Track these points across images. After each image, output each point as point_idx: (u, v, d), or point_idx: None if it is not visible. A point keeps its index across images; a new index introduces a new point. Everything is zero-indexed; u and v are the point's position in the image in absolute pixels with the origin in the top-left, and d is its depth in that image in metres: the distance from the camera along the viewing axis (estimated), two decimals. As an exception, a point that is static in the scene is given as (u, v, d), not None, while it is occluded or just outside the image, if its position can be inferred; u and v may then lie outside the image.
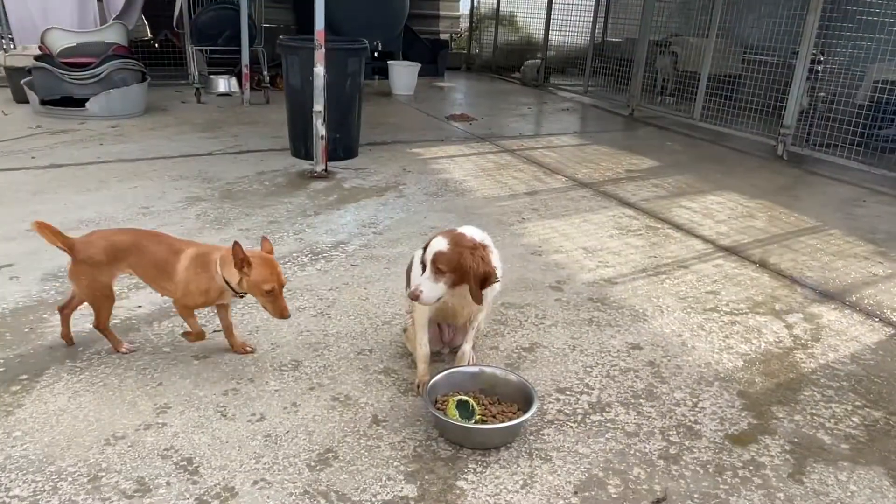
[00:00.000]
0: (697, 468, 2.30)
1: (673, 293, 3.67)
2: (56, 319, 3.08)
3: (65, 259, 2.71)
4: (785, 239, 4.58)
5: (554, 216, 4.85)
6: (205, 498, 2.06)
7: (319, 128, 5.40)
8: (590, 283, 3.75)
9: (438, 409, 2.41)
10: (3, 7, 8.38)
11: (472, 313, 2.66)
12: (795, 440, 2.47)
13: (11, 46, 8.52)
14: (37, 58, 7.20)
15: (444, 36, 13.97)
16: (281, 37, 6.07)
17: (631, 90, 9.12)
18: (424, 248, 2.48)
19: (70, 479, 2.11)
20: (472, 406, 2.40)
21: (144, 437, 2.31)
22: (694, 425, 2.53)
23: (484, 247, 2.48)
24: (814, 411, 2.66)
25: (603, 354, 3.01)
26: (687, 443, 2.43)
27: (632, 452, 2.37)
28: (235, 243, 2.45)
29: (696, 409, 2.64)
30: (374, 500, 2.09)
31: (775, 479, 2.26)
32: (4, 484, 2.08)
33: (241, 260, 2.46)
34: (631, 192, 5.54)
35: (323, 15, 5.19)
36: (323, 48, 5.24)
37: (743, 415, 2.61)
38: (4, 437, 2.29)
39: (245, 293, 2.59)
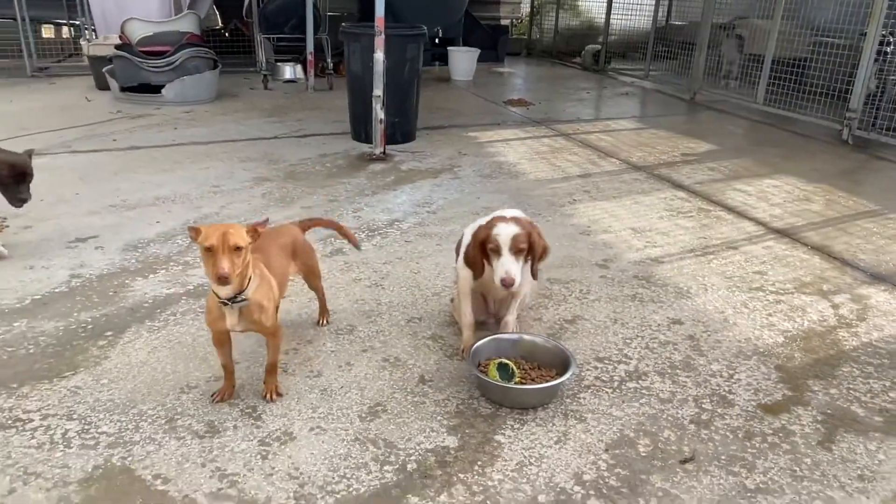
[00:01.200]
0: (727, 433, 2.40)
1: (719, 272, 3.72)
2: (136, 284, 3.39)
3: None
4: (841, 222, 4.54)
5: (605, 198, 4.93)
6: (267, 440, 2.29)
7: (378, 112, 5.60)
8: (636, 261, 3.84)
9: (481, 371, 2.57)
10: (87, 0, 8.90)
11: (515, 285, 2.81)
12: (829, 411, 2.54)
13: (94, 36, 9.05)
14: (117, 47, 7.66)
15: (504, 21, 14.01)
16: (343, 24, 6.30)
17: (692, 74, 9.01)
18: (483, 241, 2.61)
19: (150, 420, 2.38)
20: (512, 369, 2.56)
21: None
22: (728, 395, 2.63)
23: (537, 225, 2.66)
24: (851, 386, 2.70)
25: (643, 328, 3.11)
26: (719, 410, 2.53)
27: (664, 417, 2.48)
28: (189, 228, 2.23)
29: (732, 380, 2.72)
30: (418, 448, 2.28)
31: (804, 446, 2.34)
32: (94, 422, 2.36)
33: (194, 232, 2.17)
34: (685, 175, 5.55)
35: (383, 2, 5.38)
36: (383, 35, 5.43)
37: (778, 387, 2.68)
38: (94, 382, 2.58)
39: (234, 299, 2.28)
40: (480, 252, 2.61)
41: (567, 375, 2.51)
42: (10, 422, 2.34)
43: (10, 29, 9.30)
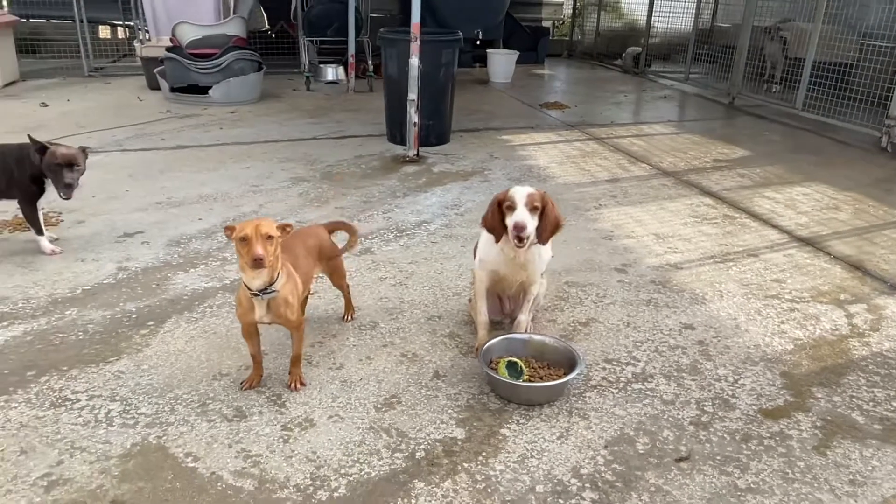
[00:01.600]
0: (725, 435, 2.50)
1: (737, 280, 3.79)
2: (178, 278, 3.63)
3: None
4: (867, 232, 4.54)
5: (631, 203, 5.01)
6: (289, 426, 2.48)
7: (412, 115, 5.78)
8: (655, 266, 3.93)
9: (491, 368, 2.72)
10: (141, 2, 9.29)
11: (525, 282, 2.94)
12: (828, 418, 2.61)
13: (147, 38, 9.45)
14: (168, 49, 8.01)
15: (546, 23, 14.07)
16: (381, 29, 6.49)
17: (732, 78, 8.96)
18: (500, 203, 2.74)
19: (184, 403, 2.60)
20: (521, 367, 2.70)
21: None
22: (730, 399, 2.72)
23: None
24: (854, 394, 2.77)
25: (655, 332, 3.21)
26: (720, 413, 2.63)
27: (665, 417, 2.59)
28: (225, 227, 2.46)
29: (736, 385, 2.81)
30: (427, 438, 2.44)
31: (799, 450, 2.43)
32: (134, 403, 2.58)
33: (229, 230, 2.41)
34: (714, 181, 5.58)
35: (419, 9, 5.56)
36: (418, 40, 5.60)
37: (781, 393, 2.77)
38: (135, 368, 2.82)
39: (264, 291, 2.46)
40: (499, 213, 2.74)
41: (573, 375, 2.65)
42: (59, 401, 2.58)
43: (69, 30, 9.78)
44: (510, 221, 2.67)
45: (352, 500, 2.15)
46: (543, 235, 2.75)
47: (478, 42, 11.18)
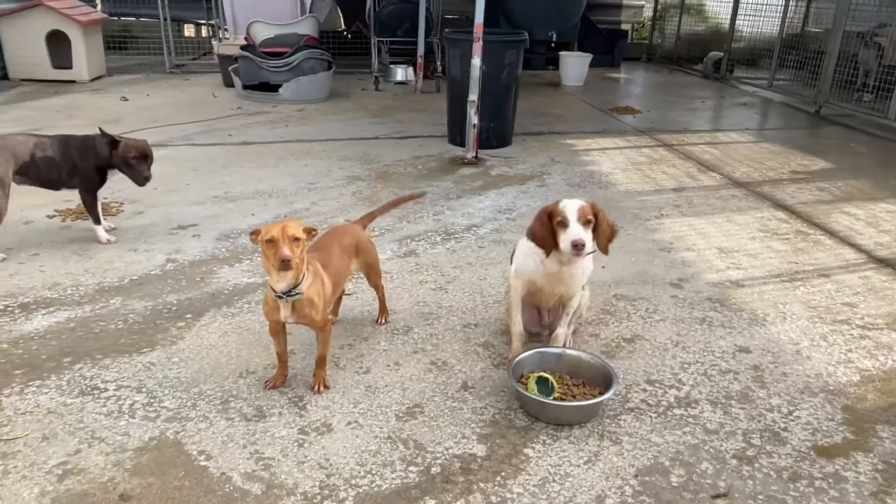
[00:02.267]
0: (771, 472, 2.28)
1: (803, 301, 3.50)
2: (222, 271, 3.65)
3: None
4: (959, 255, 4.14)
5: (695, 214, 4.75)
6: (306, 429, 2.42)
7: (472, 116, 5.68)
8: (714, 283, 3.68)
9: (521, 383, 2.59)
10: (221, 1, 9.56)
11: (564, 296, 2.79)
12: (892, 461, 2.35)
13: (224, 37, 9.73)
14: (242, 47, 8.19)
15: (625, 26, 13.69)
16: (446, 30, 6.42)
17: (819, 85, 8.44)
18: (549, 216, 2.60)
19: (207, 399, 2.58)
20: (552, 383, 2.56)
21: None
22: (782, 432, 2.49)
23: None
24: (926, 436, 2.49)
25: (706, 353, 2.99)
26: (768, 447, 2.40)
27: (706, 448, 2.39)
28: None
29: (790, 417, 2.57)
30: (445, 452, 2.33)
31: (854, 495, 2.19)
32: (159, 396, 2.59)
33: (253, 234, 2.41)
34: (790, 194, 5.23)
35: (483, 9, 5.46)
36: (481, 41, 5.50)
37: (840, 429, 2.51)
38: (166, 360, 2.83)
39: (289, 293, 2.42)
40: (549, 227, 2.59)
41: (607, 395, 2.48)
42: (88, 389, 2.61)
43: (155, 28, 10.16)
44: (565, 238, 2.53)
45: (358, 513, 2.07)
46: (602, 245, 2.63)
47: (552, 44, 11.00)
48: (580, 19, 11.34)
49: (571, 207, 2.56)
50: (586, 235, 2.53)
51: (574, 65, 10.02)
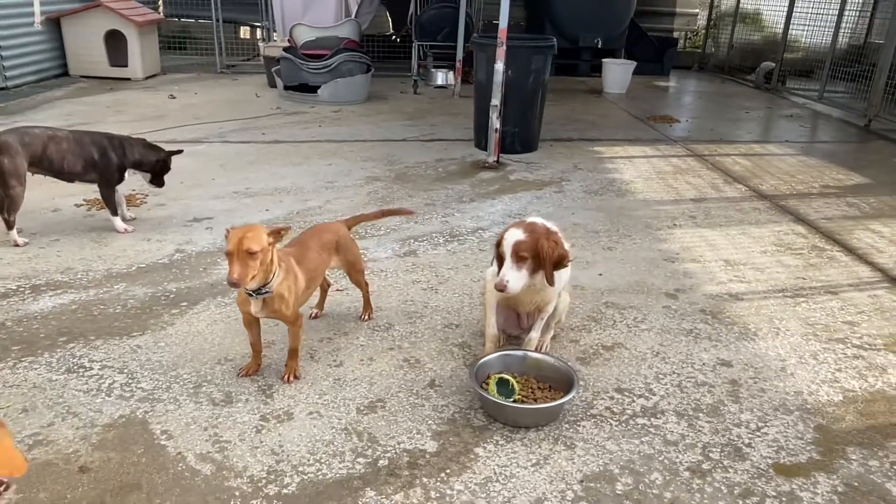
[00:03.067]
0: (722, 487, 2.24)
1: (802, 317, 3.40)
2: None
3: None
4: (984, 278, 3.93)
5: (710, 225, 4.65)
6: (267, 416, 2.50)
7: (494, 121, 5.70)
8: (712, 295, 3.61)
9: (484, 384, 2.60)
10: (271, 4, 9.85)
11: (540, 303, 2.80)
12: (855, 484, 2.27)
13: (273, 39, 10.01)
14: (284, 49, 8.43)
15: (677, 34, 13.44)
16: (474, 35, 6.46)
17: (870, 98, 8.12)
18: (498, 244, 2.67)
19: (182, 382, 2.69)
20: (513, 385, 2.56)
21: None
22: (744, 447, 2.43)
23: (555, 232, 2.63)
24: (898, 461, 2.39)
25: (684, 365, 2.95)
26: (726, 462, 2.36)
27: (660, 459, 2.36)
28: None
29: (757, 433, 2.51)
30: (397, 447, 2.37)
31: (804, 516, 2.13)
32: (138, 378, 2.71)
33: (226, 231, 2.45)
34: (815, 208, 5.06)
35: (507, 14, 5.47)
36: (504, 45, 5.52)
37: (808, 448, 2.44)
38: (153, 344, 2.96)
39: (257, 290, 2.49)
40: (498, 252, 2.65)
41: (564, 399, 2.48)
42: (75, 367, 2.76)
43: (211, 30, 10.54)
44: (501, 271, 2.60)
45: (298, 499, 2.13)
46: (546, 275, 2.60)
47: (598, 51, 10.91)
48: (629, 26, 11.23)
49: (508, 242, 2.57)
50: (514, 275, 2.56)
51: (617, 72, 9.91)
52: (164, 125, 6.88)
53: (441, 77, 9.75)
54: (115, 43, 9.22)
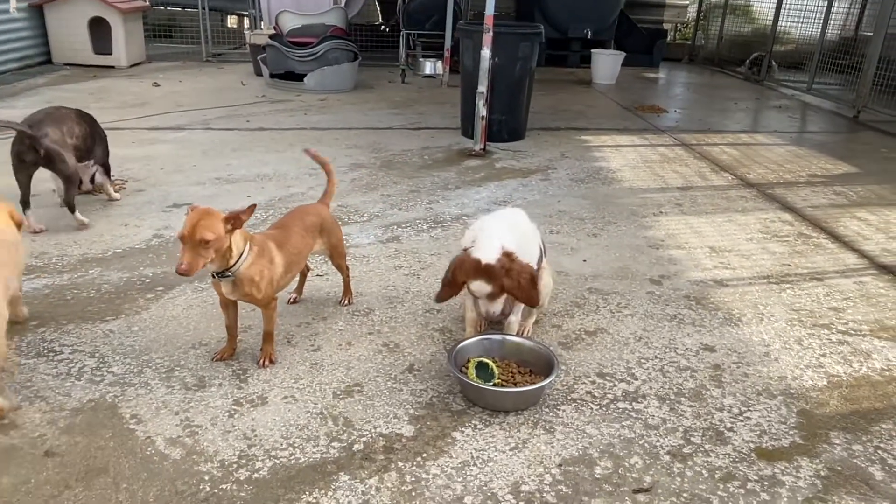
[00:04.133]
0: (703, 471, 2.20)
1: (786, 304, 3.37)
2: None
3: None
4: (970, 265, 3.91)
5: (696, 213, 4.61)
6: (241, 401, 2.45)
7: (480, 108, 5.64)
8: (696, 281, 3.58)
9: (463, 368, 2.56)
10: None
11: None
12: (838, 468, 2.24)
13: (259, 26, 9.89)
14: (270, 37, 8.33)
15: (667, 26, 13.40)
16: (460, 21, 6.40)
17: (859, 89, 8.10)
18: (457, 276, 2.57)
19: (154, 367, 2.63)
20: (493, 369, 2.52)
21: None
22: (726, 432, 2.40)
23: (511, 257, 2.52)
24: (881, 445, 2.36)
25: (667, 350, 2.91)
26: (707, 446, 2.32)
27: (641, 443, 2.32)
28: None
29: (739, 417, 2.48)
30: (373, 431, 2.32)
31: (786, 500, 2.09)
32: (109, 362, 2.65)
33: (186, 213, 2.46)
34: (802, 196, 5.04)
35: (494, 1, 5.41)
36: (491, 32, 5.46)
37: (791, 433, 2.41)
38: (126, 328, 2.89)
39: (220, 273, 2.46)
40: (459, 288, 2.59)
41: (543, 383, 2.43)
42: (45, 352, 2.69)
43: (198, 18, 10.40)
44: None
45: (269, 483, 2.08)
46: (530, 303, 2.60)
47: (588, 42, 10.85)
48: (619, 17, 11.17)
49: (478, 293, 2.53)
50: (497, 306, 2.57)
51: (606, 62, 9.86)
52: (146, 112, 6.78)
53: (429, 66, 9.67)
54: (99, 30, 9.08)
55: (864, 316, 3.28)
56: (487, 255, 2.50)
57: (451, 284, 2.58)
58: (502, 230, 2.60)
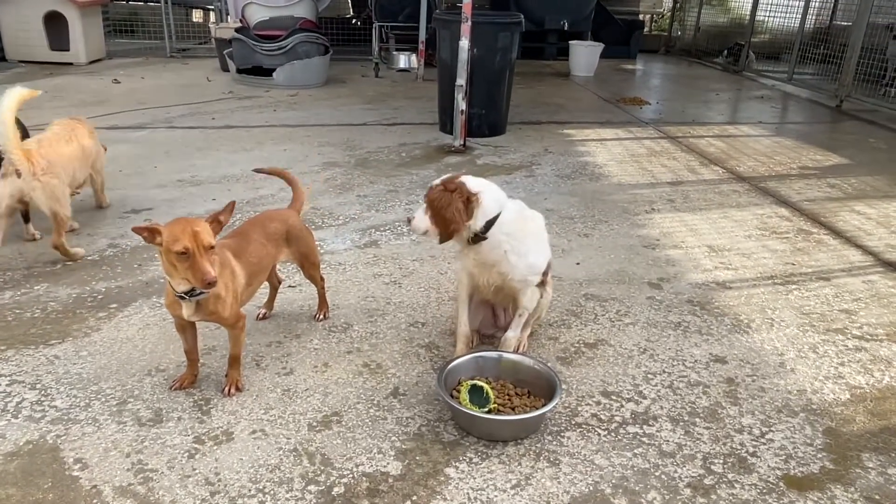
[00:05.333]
0: (729, 506, 1.96)
1: (795, 306, 3.15)
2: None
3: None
4: (978, 260, 3.74)
5: (690, 209, 4.39)
6: (203, 438, 2.15)
7: (460, 102, 5.37)
8: (697, 284, 3.34)
9: (454, 392, 2.29)
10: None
11: (508, 291, 2.49)
12: (875, 497, 2.01)
13: (225, 20, 9.49)
14: (236, 30, 7.95)
15: (643, 17, 13.23)
16: (436, 11, 6.11)
17: (841, 79, 7.97)
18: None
19: (103, 399, 2.31)
20: (487, 393, 2.25)
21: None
22: (749, 457, 2.16)
23: (469, 196, 2.31)
24: (919, 468, 2.14)
25: (675, 363, 2.66)
26: (730, 475, 2.07)
27: (657, 474, 2.07)
28: (133, 228, 2.09)
29: (762, 439, 2.24)
30: (355, 470, 2.04)
31: (824, 538, 1.85)
32: (52, 394, 2.33)
33: (148, 232, 2.05)
34: (796, 190, 4.84)
35: (472, -13, 5.13)
36: (469, 21, 5.18)
37: (819, 456, 2.17)
38: (73, 354, 2.57)
39: (191, 293, 2.13)
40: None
41: (545, 409, 2.17)
42: (-22, 384, 2.36)
43: (158, 13, 9.98)
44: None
45: (235, 539, 1.78)
46: (441, 236, 2.37)
47: (564, 34, 10.60)
48: (595, 8, 10.95)
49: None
50: (418, 213, 2.38)
51: (583, 54, 9.64)
52: (105, 111, 6.39)
53: (403, 60, 9.35)
54: (55, 25, 8.61)
55: (878, 318, 3.07)
56: (470, 181, 2.37)
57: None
58: (485, 185, 2.38)
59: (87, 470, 1.99)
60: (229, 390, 2.36)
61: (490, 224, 2.34)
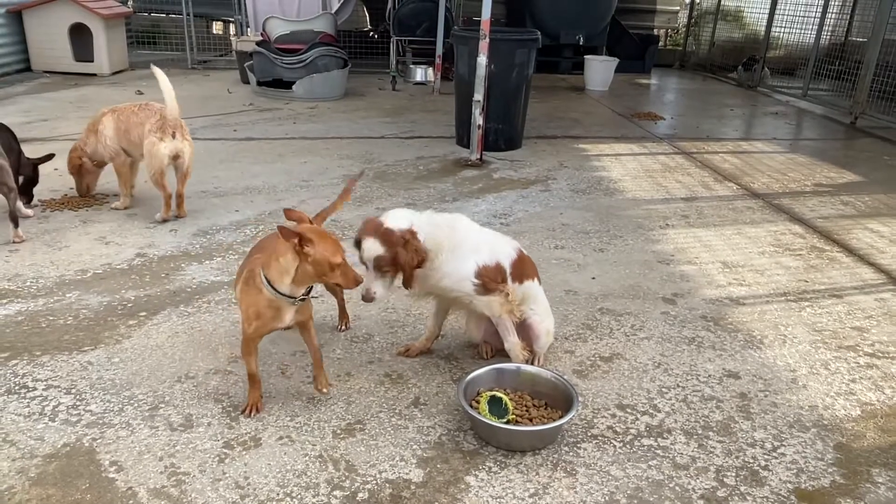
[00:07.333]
0: (741, 518, 2.01)
1: (808, 323, 3.20)
2: (190, 268, 3.50)
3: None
4: None
5: (704, 225, 4.45)
6: (232, 443, 2.23)
7: (477, 117, 5.46)
8: (711, 299, 3.40)
9: (474, 402, 2.36)
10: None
11: (454, 301, 2.60)
12: (885, 512, 2.06)
13: (245, 33, 9.67)
14: (257, 43, 8.11)
15: (658, 31, 13.31)
16: (455, 27, 6.22)
17: (856, 95, 8.00)
18: (357, 242, 2.43)
19: (136, 404, 2.41)
20: (506, 404, 2.32)
21: (209, 381, 2.54)
22: (761, 471, 2.21)
23: (413, 234, 2.36)
24: (929, 484, 2.18)
25: (689, 377, 2.72)
26: (742, 488, 2.13)
27: (671, 486, 2.13)
28: (280, 227, 2.09)
29: (773, 453, 2.29)
30: (378, 476, 2.11)
31: (834, 551, 1.91)
32: (86, 399, 2.42)
33: (298, 238, 2.09)
34: (810, 207, 4.89)
35: (490, 6, 5.24)
36: (487, 38, 5.28)
37: (830, 470, 2.22)
38: (106, 360, 2.67)
39: (302, 296, 2.27)
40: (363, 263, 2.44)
41: (563, 420, 2.24)
42: (16, 388, 2.46)
43: (180, 25, 10.17)
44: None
45: (265, 541, 1.86)
46: (405, 282, 2.44)
47: (580, 48, 10.70)
48: (610, 23, 11.05)
49: (367, 254, 2.36)
50: (378, 286, 2.43)
51: (598, 69, 9.72)
52: (129, 122, 6.52)
53: (420, 73, 9.49)
54: (80, 37, 8.82)
55: (890, 336, 3.11)
56: (396, 220, 2.38)
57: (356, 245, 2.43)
58: (411, 217, 2.43)
59: (122, 472, 2.08)
60: (323, 388, 2.45)
61: None
